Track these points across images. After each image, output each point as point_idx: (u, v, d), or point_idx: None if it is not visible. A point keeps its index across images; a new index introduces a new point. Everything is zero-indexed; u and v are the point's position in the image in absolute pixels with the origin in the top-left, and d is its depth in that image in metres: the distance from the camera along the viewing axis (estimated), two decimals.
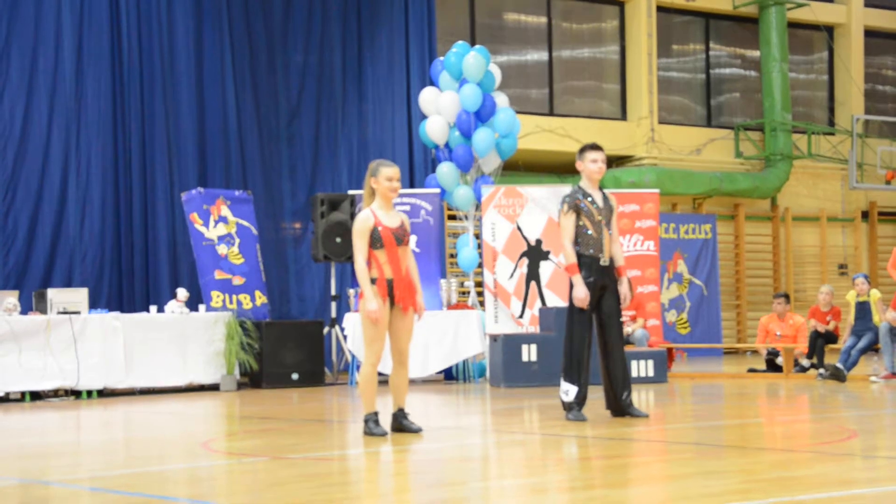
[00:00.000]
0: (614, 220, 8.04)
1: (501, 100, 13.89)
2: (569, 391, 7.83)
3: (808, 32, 20.89)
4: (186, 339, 12.22)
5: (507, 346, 11.63)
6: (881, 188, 20.49)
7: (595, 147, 8.09)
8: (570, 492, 5.10)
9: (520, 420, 8.63)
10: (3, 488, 5.54)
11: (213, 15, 14.66)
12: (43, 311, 11.72)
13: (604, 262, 7.91)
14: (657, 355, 11.75)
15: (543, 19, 18.59)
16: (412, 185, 15.20)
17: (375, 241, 7.09)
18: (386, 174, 7.16)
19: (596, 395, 8.35)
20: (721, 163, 19.58)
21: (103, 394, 11.82)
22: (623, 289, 7.94)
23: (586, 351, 7.86)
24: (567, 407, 7.82)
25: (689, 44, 20.09)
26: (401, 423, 7.31)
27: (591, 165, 7.99)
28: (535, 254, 13.43)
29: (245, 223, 13.46)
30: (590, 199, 7.95)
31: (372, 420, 7.23)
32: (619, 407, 7.89)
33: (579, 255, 7.89)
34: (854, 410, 8.78)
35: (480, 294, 14.15)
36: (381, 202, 7.20)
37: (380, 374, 13.07)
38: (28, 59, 13.58)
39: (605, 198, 8.02)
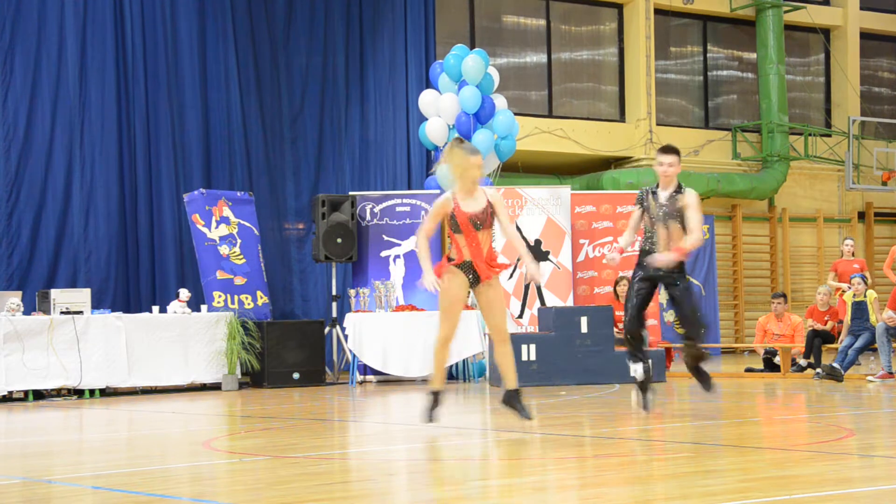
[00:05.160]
0: (687, 217, 8.05)
1: (500, 102, 13.94)
2: (637, 370, 8.08)
3: (805, 35, 20.95)
4: (188, 338, 12.27)
5: None
6: (877, 189, 20.55)
7: (663, 150, 8.18)
8: (569, 490, 5.14)
9: (519, 419, 8.66)
10: (6, 487, 5.57)
11: (217, 17, 14.70)
12: (46, 311, 11.77)
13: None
14: (656, 355, 11.80)
15: (542, 22, 18.65)
16: (411, 187, 15.26)
17: (454, 225, 7.21)
18: (474, 162, 7.16)
19: (594, 394, 8.39)
20: (719, 164, 19.63)
21: (106, 393, 11.87)
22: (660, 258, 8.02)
23: (636, 329, 8.10)
24: (641, 388, 8.09)
25: (686, 46, 20.15)
26: (511, 405, 7.37)
27: (658, 168, 8.16)
28: (535, 254, 13.49)
29: (247, 224, 13.51)
30: (653, 193, 8.12)
31: (429, 398, 7.22)
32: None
33: (640, 251, 8.19)
34: (851, 410, 8.83)
35: None
36: (463, 187, 7.20)
37: (381, 374, 13.06)
38: (32, 60, 13.61)
39: (672, 197, 8.09)
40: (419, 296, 13.55)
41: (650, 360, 8.28)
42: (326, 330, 13.30)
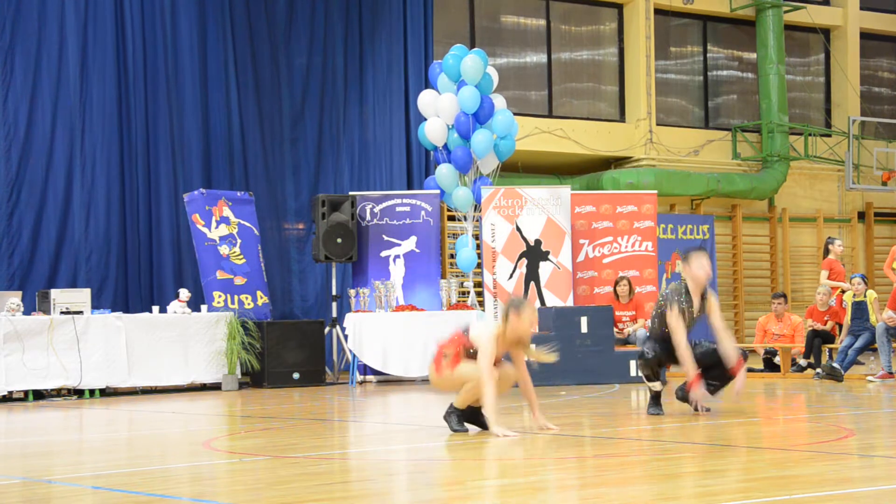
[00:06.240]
0: (717, 317, 8.17)
1: (499, 101, 13.94)
2: (655, 385, 8.28)
3: (805, 35, 20.95)
4: (188, 338, 12.28)
5: None
6: (877, 189, 20.55)
7: (702, 253, 8.23)
8: (569, 490, 5.14)
9: (520, 419, 8.67)
10: (6, 487, 5.57)
11: (217, 17, 14.71)
12: (46, 311, 11.77)
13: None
14: None
15: (542, 22, 18.65)
16: (411, 187, 15.27)
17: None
18: (530, 318, 7.17)
19: (594, 394, 8.37)
20: (719, 164, 19.62)
21: (106, 393, 11.87)
22: (738, 385, 8.18)
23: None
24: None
25: (686, 46, 20.15)
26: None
27: (699, 271, 8.11)
28: (535, 254, 13.49)
29: (247, 224, 13.52)
30: (689, 304, 8.13)
31: (456, 414, 7.28)
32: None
33: (662, 335, 8.14)
34: (851, 410, 8.83)
35: (480, 294, 14.20)
36: (511, 339, 7.20)
37: (381, 374, 13.06)
38: (32, 60, 13.62)
39: (702, 302, 8.20)
40: (419, 296, 13.56)
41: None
42: (326, 330, 13.30)
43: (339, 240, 13.33)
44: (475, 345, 7.16)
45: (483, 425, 7.37)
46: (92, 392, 11.72)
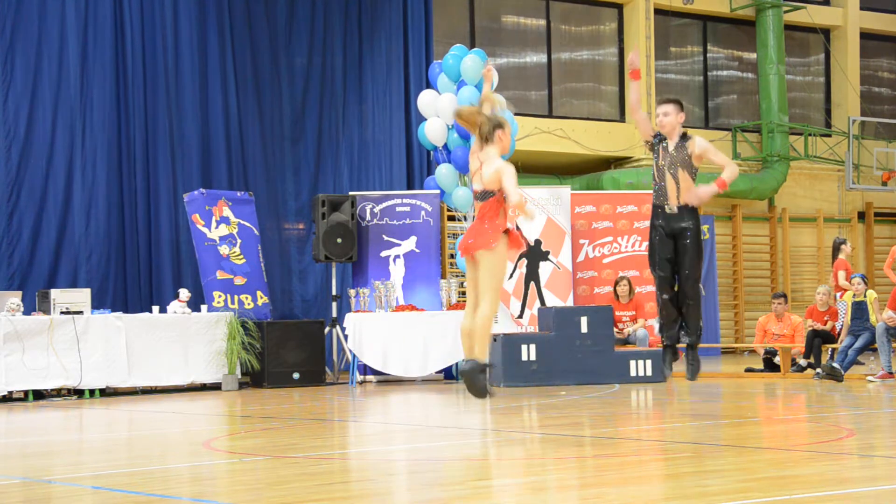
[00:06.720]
0: (711, 159, 7.89)
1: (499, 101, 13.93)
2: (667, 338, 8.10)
3: (805, 35, 20.96)
4: (188, 338, 12.28)
5: (506, 345, 11.68)
6: (878, 189, 20.56)
7: (660, 101, 8.12)
8: (569, 490, 5.15)
9: (519, 419, 8.68)
10: (6, 487, 5.57)
11: (217, 17, 14.70)
12: (46, 311, 11.77)
13: (670, 209, 7.93)
14: (655, 355, 11.80)
15: (542, 22, 18.66)
16: (411, 187, 15.27)
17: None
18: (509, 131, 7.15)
19: (594, 394, 8.37)
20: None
21: (105, 393, 11.87)
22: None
23: (667, 302, 8.00)
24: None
25: (686, 46, 20.16)
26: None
27: (661, 118, 7.98)
28: (535, 254, 13.49)
29: (247, 224, 13.52)
30: (663, 142, 7.93)
31: (486, 372, 7.11)
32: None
33: (652, 205, 7.96)
34: (851, 410, 8.83)
35: None
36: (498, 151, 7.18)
37: (381, 374, 13.08)
38: (32, 61, 13.62)
39: (679, 146, 7.95)
40: (419, 296, 13.57)
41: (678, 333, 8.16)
42: (326, 330, 13.30)
43: (339, 240, 13.33)
44: (497, 183, 7.03)
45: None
46: (92, 392, 11.72)
